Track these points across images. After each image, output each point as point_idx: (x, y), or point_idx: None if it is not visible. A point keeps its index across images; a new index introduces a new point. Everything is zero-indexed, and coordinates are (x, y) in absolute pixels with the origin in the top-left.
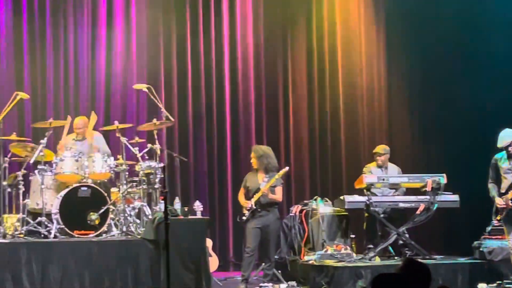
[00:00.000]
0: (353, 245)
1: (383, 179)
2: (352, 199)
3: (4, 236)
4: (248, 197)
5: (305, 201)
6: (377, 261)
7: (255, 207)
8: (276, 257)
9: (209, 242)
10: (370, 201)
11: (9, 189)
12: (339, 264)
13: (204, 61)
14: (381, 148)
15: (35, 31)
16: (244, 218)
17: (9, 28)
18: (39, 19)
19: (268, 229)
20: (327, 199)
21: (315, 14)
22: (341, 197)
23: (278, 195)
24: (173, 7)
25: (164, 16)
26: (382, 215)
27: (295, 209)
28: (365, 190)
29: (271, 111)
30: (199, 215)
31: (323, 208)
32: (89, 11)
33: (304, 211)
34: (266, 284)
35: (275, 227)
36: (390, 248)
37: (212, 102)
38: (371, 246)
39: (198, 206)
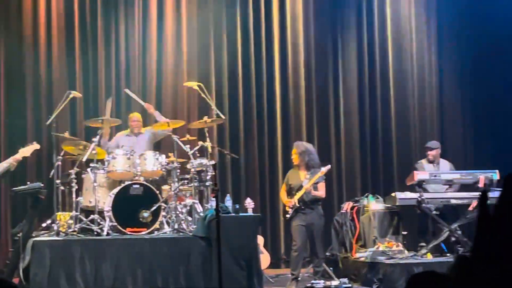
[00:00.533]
0: (404, 242)
1: (435, 176)
2: (404, 196)
3: (58, 234)
4: (290, 194)
5: (356, 198)
6: (429, 258)
7: (298, 205)
8: (327, 254)
9: (260, 239)
10: (422, 197)
11: (62, 187)
12: (391, 261)
13: (255, 58)
14: (432, 144)
15: (87, 29)
16: (287, 216)
17: (61, 27)
18: (91, 18)
19: (313, 226)
20: (378, 196)
21: (366, 12)
22: (393, 194)
23: (321, 192)
24: (224, 4)
25: (214, 13)
26: (434, 212)
27: (346, 206)
28: (416, 187)
29: (322, 109)
30: (250, 212)
31: (375, 205)
32: (140, 9)
33: (356, 208)
34: (317, 281)
35: (320, 224)
36: (442, 245)
37: (263, 99)
38: (423, 243)
39: (249, 203)
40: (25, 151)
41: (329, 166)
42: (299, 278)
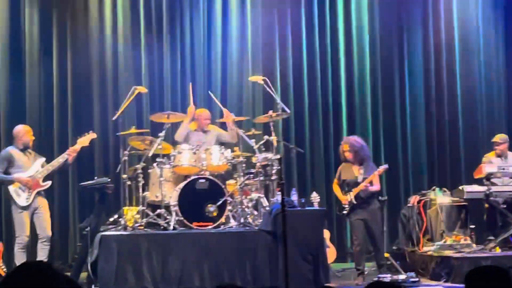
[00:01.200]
0: (472, 236)
1: (503, 169)
2: (471, 189)
3: (125, 228)
4: (344, 189)
5: (423, 191)
6: (498, 251)
7: (355, 202)
8: (394, 247)
9: (326, 233)
10: (490, 191)
11: (129, 182)
12: (459, 255)
13: (320, 52)
14: (499, 137)
15: (152, 25)
16: (344, 212)
17: (126, 23)
18: (156, 12)
19: (371, 220)
20: (445, 189)
21: (432, 10)
22: (460, 187)
23: (377, 185)
24: None
25: (279, 7)
26: (502, 205)
27: (413, 199)
28: (484, 180)
29: (387, 102)
30: (316, 206)
31: (442, 198)
32: (204, 4)
33: (423, 201)
34: (384, 275)
35: (377, 217)
36: (511, 238)
37: (328, 93)
38: (491, 237)
39: (315, 197)
40: (83, 141)
41: (386, 166)
42: (365, 272)
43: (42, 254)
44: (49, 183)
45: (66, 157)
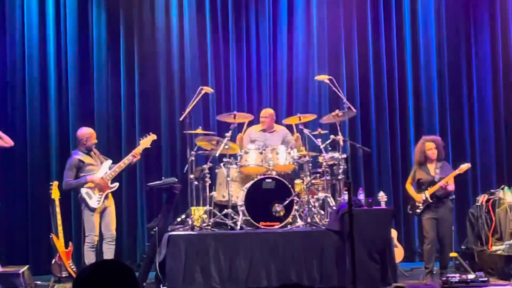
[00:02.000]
0: None
1: None
2: None
3: (192, 228)
4: (419, 188)
5: (492, 190)
6: None
7: (431, 201)
8: (462, 247)
9: (394, 233)
10: None
11: (196, 182)
12: None
13: (386, 51)
14: None
15: (218, 25)
16: (418, 211)
17: (192, 24)
18: (222, 13)
19: (443, 220)
20: None
21: (500, 13)
22: None
23: (452, 185)
24: None
25: (344, 5)
26: None
27: (482, 198)
28: None
29: (455, 103)
30: (383, 206)
31: (511, 197)
32: (270, 4)
33: (491, 200)
34: (453, 274)
35: (450, 218)
36: None
37: (395, 92)
38: None
39: (382, 196)
40: (145, 142)
41: (469, 165)
42: (433, 272)
43: (109, 254)
44: (117, 184)
45: (131, 159)
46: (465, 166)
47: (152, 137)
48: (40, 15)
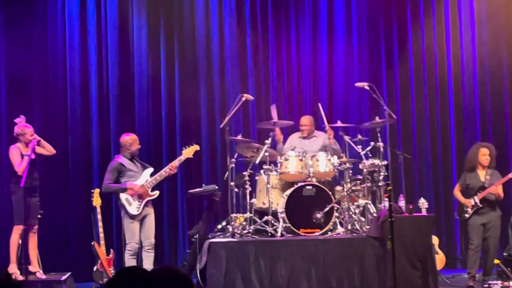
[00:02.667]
0: None
1: None
2: None
3: (233, 235)
4: (467, 194)
5: None
6: None
7: (480, 206)
8: (504, 254)
9: (435, 240)
10: None
11: (236, 189)
12: None
13: (426, 58)
14: None
15: (258, 33)
16: (466, 216)
17: (232, 31)
18: (261, 21)
19: (491, 226)
20: None
21: None
22: None
23: (501, 192)
24: (393, 3)
25: (384, 12)
26: None
27: None
28: None
29: (496, 109)
30: (424, 212)
31: None
32: (310, 11)
33: None
34: (495, 281)
35: (498, 224)
36: None
37: (435, 99)
38: None
39: (423, 203)
40: (188, 153)
41: None
42: (476, 278)
43: (148, 261)
44: (157, 193)
45: (168, 171)
46: None
47: (195, 147)
48: (81, 25)
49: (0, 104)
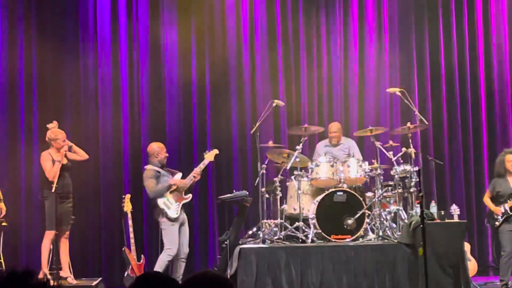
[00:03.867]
0: None
1: None
2: None
3: (264, 241)
4: (496, 201)
5: None
6: None
7: (510, 213)
8: None
9: (467, 246)
10: None
11: (267, 195)
12: None
13: (458, 63)
14: None
15: (288, 38)
16: (497, 223)
17: (263, 36)
18: (292, 26)
19: None
20: None
21: None
22: None
23: None
24: (426, 6)
25: (416, 17)
26: None
27: None
28: None
29: None
30: (456, 219)
31: None
32: (340, 15)
33: None
34: None
35: None
36: None
37: (467, 104)
38: None
39: (455, 209)
40: (209, 157)
41: None
42: (509, 285)
43: (181, 270)
44: (190, 196)
45: (193, 179)
46: None
47: (215, 151)
48: (112, 33)
49: (32, 111)
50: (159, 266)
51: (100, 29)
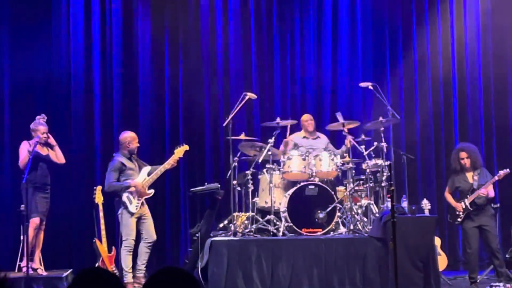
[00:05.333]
0: None
1: None
2: None
3: (235, 234)
4: (456, 197)
5: None
6: None
7: (471, 209)
8: (507, 256)
9: (437, 241)
10: None
11: (238, 188)
12: None
13: (431, 58)
14: None
15: (262, 31)
16: (459, 220)
17: (237, 30)
18: (266, 19)
19: (486, 227)
20: None
21: None
22: None
23: (492, 191)
24: (398, 3)
25: (389, 13)
26: None
27: None
28: None
29: (500, 110)
30: (427, 213)
31: None
32: (314, 10)
33: None
34: (497, 283)
35: (493, 224)
36: None
37: (439, 99)
38: None
39: (426, 204)
40: (179, 152)
41: (507, 170)
42: (478, 281)
43: (146, 257)
44: (152, 191)
45: (167, 167)
46: (503, 172)
47: (185, 147)
48: (85, 25)
49: (3, 109)
50: (123, 262)
51: (73, 21)
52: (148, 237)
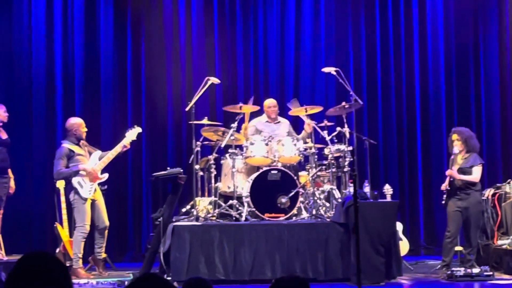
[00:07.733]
0: None
1: None
2: None
3: (197, 219)
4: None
5: (498, 185)
6: None
7: (448, 188)
8: (478, 241)
9: (399, 226)
10: None
11: (201, 173)
12: None
13: (393, 43)
14: None
15: (225, 15)
16: (443, 201)
17: (200, 14)
18: (229, 3)
19: (468, 212)
20: None
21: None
22: None
23: (474, 176)
24: None
25: None
26: None
27: (488, 192)
28: None
29: (462, 97)
30: (389, 199)
31: None
32: None
33: (497, 194)
34: (458, 268)
35: (476, 210)
36: None
37: (402, 85)
38: None
39: (388, 189)
40: (131, 135)
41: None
42: (450, 266)
43: (101, 241)
44: (106, 175)
45: (120, 150)
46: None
47: (138, 129)
48: (47, 11)
49: None
50: (76, 247)
51: (35, 8)
52: (99, 224)
